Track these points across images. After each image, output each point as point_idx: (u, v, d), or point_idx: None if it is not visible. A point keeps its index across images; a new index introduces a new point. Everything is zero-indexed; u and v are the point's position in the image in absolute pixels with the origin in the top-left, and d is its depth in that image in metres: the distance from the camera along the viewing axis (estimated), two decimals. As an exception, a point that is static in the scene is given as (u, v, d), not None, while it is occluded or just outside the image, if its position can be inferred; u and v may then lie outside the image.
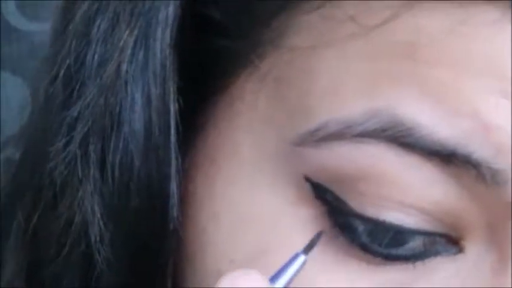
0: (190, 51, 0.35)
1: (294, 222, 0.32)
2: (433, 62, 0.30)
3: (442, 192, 0.31)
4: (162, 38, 0.34)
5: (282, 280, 0.31)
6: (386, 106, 0.30)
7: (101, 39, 0.35)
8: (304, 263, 0.32)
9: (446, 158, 0.30)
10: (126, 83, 0.34)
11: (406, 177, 0.31)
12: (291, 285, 0.31)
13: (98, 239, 0.35)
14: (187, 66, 0.36)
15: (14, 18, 0.62)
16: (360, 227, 0.32)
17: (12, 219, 0.39)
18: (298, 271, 0.31)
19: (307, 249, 0.32)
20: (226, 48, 0.35)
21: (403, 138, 0.30)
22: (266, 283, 0.30)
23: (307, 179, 0.32)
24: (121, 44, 0.34)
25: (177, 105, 0.35)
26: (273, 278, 0.31)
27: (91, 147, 0.35)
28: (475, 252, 0.32)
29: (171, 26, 0.35)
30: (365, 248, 0.32)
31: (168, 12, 0.34)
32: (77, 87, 0.35)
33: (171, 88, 0.35)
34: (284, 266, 0.31)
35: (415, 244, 0.32)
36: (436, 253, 0.32)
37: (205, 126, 0.36)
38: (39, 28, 0.62)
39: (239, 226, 0.34)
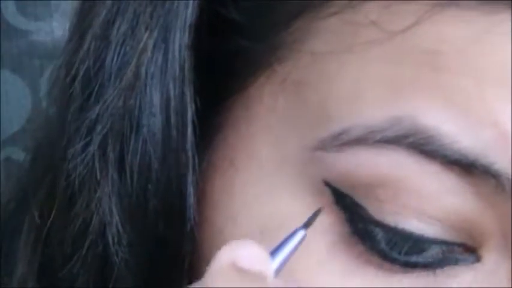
0: (208, 52, 0.36)
1: (312, 227, 0.32)
2: (455, 71, 0.30)
3: (460, 201, 0.31)
4: (181, 39, 0.34)
5: (282, 254, 0.31)
6: (409, 113, 0.30)
7: (121, 42, 0.35)
8: (303, 238, 0.31)
9: (467, 167, 0.30)
10: (145, 85, 0.34)
11: (426, 185, 0.31)
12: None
13: (115, 240, 0.35)
14: (205, 66, 0.36)
15: (14, 17, 0.62)
16: (379, 235, 0.31)
17: (22, 218, 0.39)
18: (297, 246, 0.31)
19: (307, 224, 0.32)
20: (245, 50, 0.35)
21: (424, 146, 0.30)
22: (266, 255, 0.30)
23: (327, 184, 0.32)
24: (141, 46, 0.34)
25: (194, 105, 0.35)
26: (273, 252, 0.31)
27: (109, 149, 0.35)
28: (492, 261, 0.32)
29: (190, 28, 0.35)
30: (384, 256, 0.32)
31: (187, 14, 0.34)
32: (96, 89, 0.35)
33: (189, 89, 0.35)
34: (284, 241, 0.31)
35: (433, 252, 0.32)
36: (455, 261, 0.32)
37: (223, 126, 0.36)
38: (39, 27, 0.62)
39: (257, 229, 0.34)
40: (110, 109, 0.34)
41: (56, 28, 0.63)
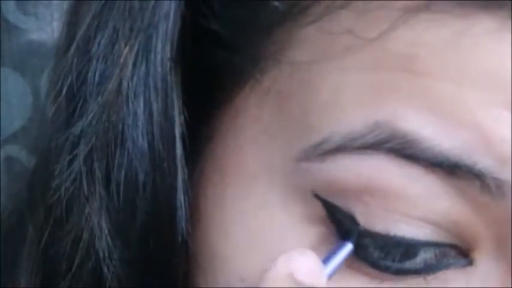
0: (194, 64, 0.35)
1: (303, 240, 0.32)
2: (432, 74, 0.30)
3: (448, 204, 0.31)
4: (163, 52, 0.34)
5: (329, 266, 0.32)
6: (387, 118, 0.30)
7: (102, 56, 0.35)
8: (351, 251, 0.32)
9: (450, 169, 0.30)
10: (127, 99, 0.34)
11: (411, 189, 0.31)
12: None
13: (106, 255, 0.35)
14: (192, 78, 0.35)
15: (14, 15, 0.62)
16: (371, 244, 0.32)
17: (26, 228, 0.39)
18: (345, 258, 0.32)
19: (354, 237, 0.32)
20: (229, 61, 0.35)
21: (404, 150, 0.30)
22: (321, 268, 0.31)
23: (316, 195, 0.32)
24: (121, 60, 0.34)
25: (182, 117, 0.35)
26: (323, 262, 0.32)
27: (96, 164, 0.35)
28: (484, 264, 0.32)
29: (171, 40, 0.34)
30: (376, 264, 0.32)
31: (167, 27, 0.34)
32: (80, 104, 0.35)
33: (175, 101, 0.35)
34: (331, 253, 0.32)
35: (426, 256, 0.32)
36: (447, 266, 0.32)
37: (212, 138, 0.36)
38: (40, 26, 0.62)
39: (249, 242, 0.34)
40: (94, 124, 0.34)
41: (56, 27, 0.62)
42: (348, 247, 0.32)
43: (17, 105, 0.63)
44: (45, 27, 0.62)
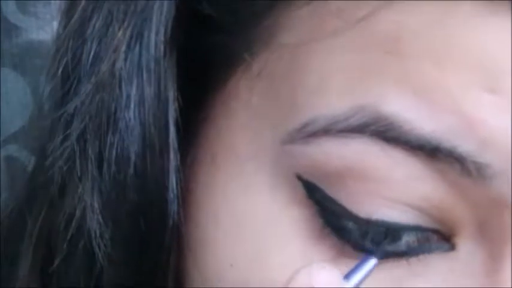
0: (187, 48, 0.36)
1: (288, 223, 0.32)
2: (415, 56, 0.30)
3: (429, 188, 0.31)
4: (156, 35, 0.35)
5: (354, 279, 0.32)
6: (371, 101, 0.31)
7: (96, 38, 0.35)
8: (376, 265, 0.32)
9: (431, 152, 0.30)
10: (120, 80, 0.35)
11: (393, 173, 0.31)
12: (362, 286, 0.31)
13: (98, 234, 0.35)
14: (185, 63, 0.36)
15: (14, 15, 0.62)
16: (352, 226, 0.32)
17: (26, 224, 0.40)
18: (369, 273, 0.32)
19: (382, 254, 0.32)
20: (221, 45, 0.35)
21: (386, 133, 0.30)
22: (341, 281, 0.31)
23: (299, 178, 0.32)
24: (115, 42, 0.34)
25: (176, 102, 0.35)
26: (346, 277, 0.32)
27: (88, 144, 0.35)
28: (466, 249, 0.32)
29: (165, 24, 0.35)
30: (357, 246, 0.32)
31: (162, 10, 0.35)
32: (74, 84, 0.35)
33: (169, 85, 0.35)
34: (356, 266, 0.32)
35: (409, 240, 0.32)
36: (430, 250, 0.32)
37: (205, 122, 0.36)
38: (40, 26, 0.62)
39: (237, 227, 0.34)
40: (87, 104, 0.35)
41: (56, 27, 0.63)
42: (372, 262, 0.32)
43: (17, 105, 0.64)
44: (45, 27, 0.62)
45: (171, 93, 0.35)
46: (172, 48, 0.35)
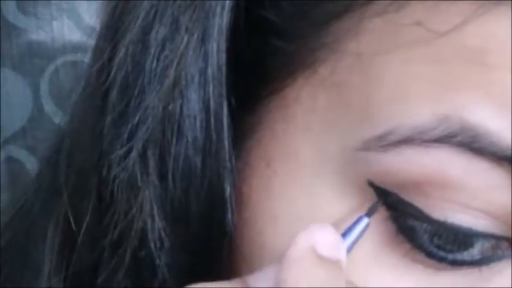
0: (244, 52, 0.35)
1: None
2: (501, 67, 0.30)
3: (508, 196, 0.31)
4: (219, 41, 0.34)
5: (348, 241, 0.32)
6: (455, 111, 0.30)
7: (160, 45, 0.34)
8: (367, 226, 0.32)
9: None
10: (185, 88, 0.34)
11: (474, 182, 0.31)
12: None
13: (158, 245, 0.35)
14: (240, 66, 0.35)
15: (14, 16, 0.62)
16: (425, 232, 0.32)
17: (47, 220, 0.39)
18: (362, 233, 0.32)
19: (370, 212, 0.32)
20: (282, 51, 0.35)
21: (472, 144, 0.30)
22: (340, 241, 0.31)
23: (371, 184, 0.32)
24: (181, 49, 0.34)
25: (226, 107, 0.35)
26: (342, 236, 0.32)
27: (150, 154, 0.35)
28: None
29: (227, 30, 0.34)
30: (431, 254, 0.32)
31: (224, 16, 0.34)
32: (136, 94, 0.34)
33: (225, 90, 0.35)
34: (349, 227, 0.32)
35: (482, 248, 0.32)
36: (501, 257, 0.32)
37: (258, 127, 0.36)
38: (40, 26, 0.62)
39: (298, 229, 0.34)
40: (151, 114, 0.34)
41: (56, 28, 0.63)
42: (365, 221, 0.32)
43: (17, 105, 0.64)
44: (45, 27, 0.62)
45: (224, 98, 0.35)
46: (231, 54, 0.35)
